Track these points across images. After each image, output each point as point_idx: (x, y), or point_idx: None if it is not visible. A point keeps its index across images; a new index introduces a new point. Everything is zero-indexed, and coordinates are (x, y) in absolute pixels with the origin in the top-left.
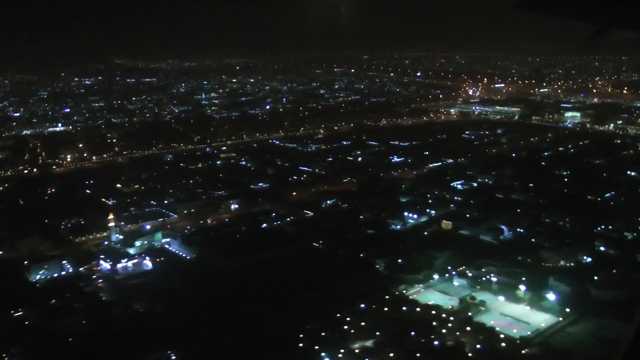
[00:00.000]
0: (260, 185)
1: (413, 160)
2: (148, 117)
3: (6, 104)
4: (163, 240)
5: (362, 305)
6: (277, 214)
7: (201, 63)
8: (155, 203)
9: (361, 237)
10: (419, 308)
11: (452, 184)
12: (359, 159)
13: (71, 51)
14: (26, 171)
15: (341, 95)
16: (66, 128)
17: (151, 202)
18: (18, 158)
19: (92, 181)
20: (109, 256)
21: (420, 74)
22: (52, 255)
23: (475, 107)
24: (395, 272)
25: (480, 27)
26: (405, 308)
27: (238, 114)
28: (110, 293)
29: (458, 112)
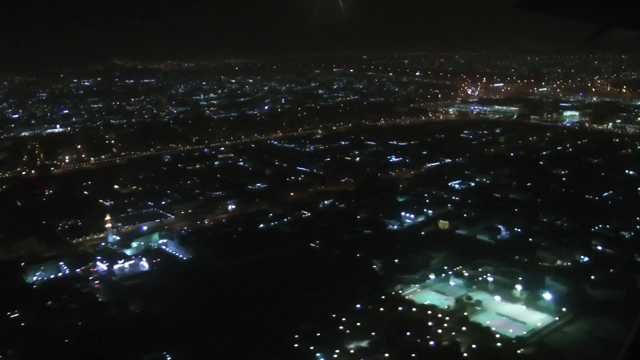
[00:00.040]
0: (257, 185)
1: (411, 160)
2: (146, 118)
3: (5, 106)
4: (160, 241)
5: (358, 305)
6: (274, 214)
7: (200, 63)
8: (152, 204)
9: (358, 237)
10: (415, 308)
11: (450, 184)
12: (357, 159)
13: (70, 52)
14: (24, 172)
15: (340, 95)
16: (65, 129)
17: (148, 203)
18: (16, 159)
19: (90, 182)
20: (106, 257)
21: (419, 74)
22: (49, 256)
23: (473, 107)
24: (391, 272)
25: (480, 27)
26: (401, 308)
27: (236, 115)
28: (106, 294)
29: (456, 112)
